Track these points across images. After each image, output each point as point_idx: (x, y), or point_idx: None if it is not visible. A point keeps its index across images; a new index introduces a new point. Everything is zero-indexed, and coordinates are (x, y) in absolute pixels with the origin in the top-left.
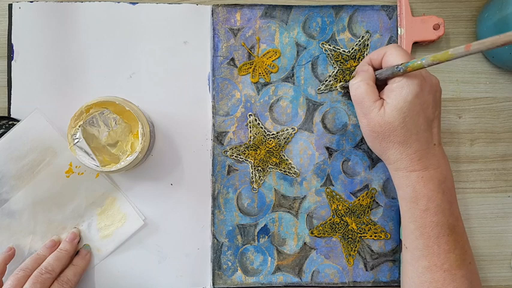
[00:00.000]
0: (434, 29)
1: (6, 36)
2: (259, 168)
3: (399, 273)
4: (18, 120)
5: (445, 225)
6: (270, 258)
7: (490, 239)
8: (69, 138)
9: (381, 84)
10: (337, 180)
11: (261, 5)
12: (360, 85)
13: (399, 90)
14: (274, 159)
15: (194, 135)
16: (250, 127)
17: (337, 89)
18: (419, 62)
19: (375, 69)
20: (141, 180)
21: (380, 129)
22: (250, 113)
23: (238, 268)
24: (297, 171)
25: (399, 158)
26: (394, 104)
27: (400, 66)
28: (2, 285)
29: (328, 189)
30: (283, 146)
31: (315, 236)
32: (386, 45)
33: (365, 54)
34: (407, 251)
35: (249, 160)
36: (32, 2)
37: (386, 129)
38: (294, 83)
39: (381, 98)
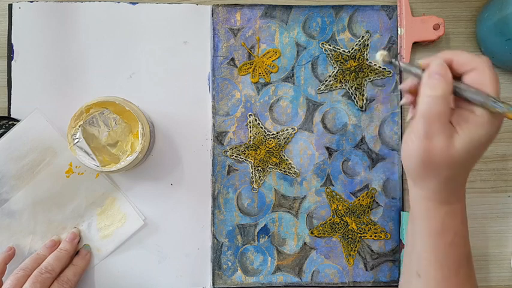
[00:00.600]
0: (434, 29)
1: (6, 36)
2: (259, 168)
3: (399, 273)
4: (18, 120)
5: (465, 256)
6: (270, 258)
7: (490, 239)
8: (69, 138)
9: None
10: (337, 180)
11: (261, 5)
12: (439, 103)
13: (477, 128)
14: (274, 159)
15: (194, 135)
16: (250, 127)
17: (377, 58)
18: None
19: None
20: (141, 180)
21: (438, 159)
22: (250, 113)
23: (238, 268)
24: (297, 171)
25: (439, 190)
26: (465, 141)
27: (500, 105)
28: (2, 284)
29: (328, 189)
30: (283, 146)
31: (315, 236)
32: (477, 57)
33: (365, 54)
34: (421, 279)
35: (249, 160)
36: (32, 2)
37: (445, 162)
38: (294, 83)
39: (450, 122)
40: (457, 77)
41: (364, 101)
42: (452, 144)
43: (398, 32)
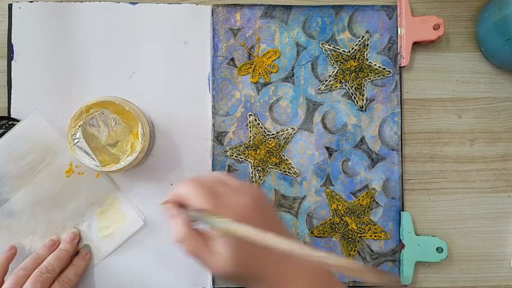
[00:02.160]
0: (434, 29)
1: (6, 36)
2: (259, 168)
3: (399, 273)
4: (18, 120)
5: None
6: None
7: (490, 239)
8: (69, 138)
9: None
10: (337, 180)
11: (261, 5)
12: (188, 241)
13: (225, 240)
14: (274, 159)
15: (194, 135)
16: (250, 127)
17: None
18: (216, 227)
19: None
20: (141, 180)
21: (218, 273)
22: (250, 113)
23: None
24: (297, 171)
25: None
26: (226, 256)
27: (204, 219)
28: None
29: (328, 189)
30: (283, 146)
31: (315, 236)
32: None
33: (365, 54)
34: None
35: (249, 160)
36: (32, 2)
37: (234, 274)
38: (294, 83)
39: (207, 245)
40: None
41: (364, 101)
42: (216, 259)
43: (398, 32)
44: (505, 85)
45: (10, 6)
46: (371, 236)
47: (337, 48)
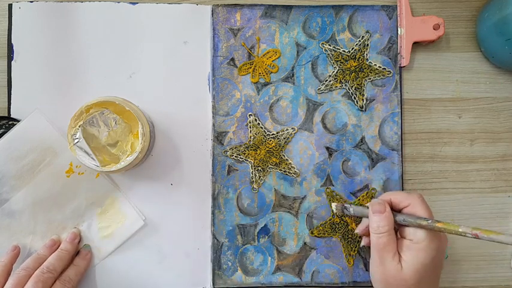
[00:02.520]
0: (434, 29)
1: (6, 36)
2: (259, 168)
3: None
4: (18, 120)
5: None
6: (270, 258)
7: None
8: (69, 138)
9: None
10: (337, 180)
11: (261, 5)
12: (383, 236)
13: (416, 253)
14: (274, 159)
15: (194, 135)
16: (250, 127)
17: (333, 208)
18: (458, 229)
19: (392, 209)
20: (141, 180)
21: (394, 282)
22: (250, 113)
23: (238, 268)
24: (297, 171)
25: None
26: (411, 265)
27: (430, 222)
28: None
29: (328, 189)
30: (283, 146)
31: (315, 236)
32: (411, 194)
33: (365, 54)
34: None
35: (249, 160)
36: (32, 2)
37: (400, 284)
38: (294, 83)
39: (397, 251)
40: (397, 211)
41: (364, 101)
42: (402, 268)
43: (398, 32)
44: (505, 85)
45: (10, 6)
46: None
47: (337, 48)
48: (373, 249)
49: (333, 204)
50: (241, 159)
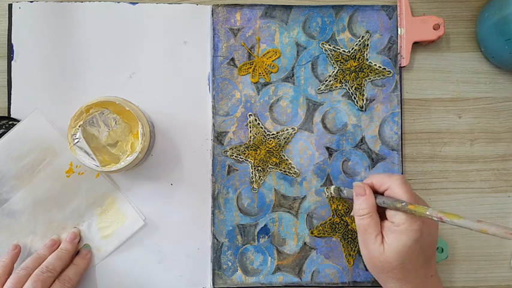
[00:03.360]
0: (434, 29)
1: (6, 36)
2: (259, 168)
3: None
4: (18, 120)
5: None
6: (270, 258)
7: (490, 239)
8: (69, 138)
9: (381, 211)
10: (337, 180)
11: (261, 5)
12: (364, 217)
13: (398, 235)
14: (274, 159)
15: (194, 135)
16: (250, 127)
17: (328, 190)
18: (424, 207)
19: (375, 192)
20: (141, 180)
21: (379, 264)
22: (250, 113)
23: (238, 268)
24: (297, 171)
25: None
26: (393, 247)
27: (404, 204)
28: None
29: (328, 189)
30: (283, 146)
31: (315, 236)
32: (391, 176)
33: (365, 54)
34: None
35: (249, 160)
36: (32, 2)
37: (385, 266)
38: (294, 83)
39: (381, 232)
40: (380, 193)
41: (364, 101)
42: (384, 250)
43: (398, 32)
44: (505, 85)
45: (10, 6)
46: None
47: (337, 48)
48: (358, 232)
49: (331, 187)
50: (241, 159)
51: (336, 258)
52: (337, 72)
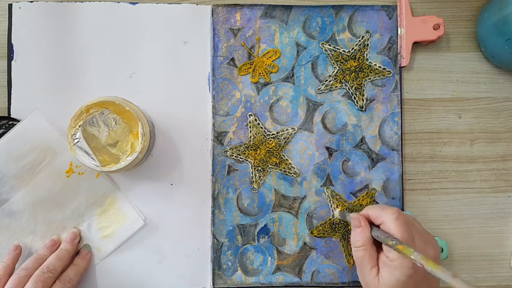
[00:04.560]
0: (434, 29)
1: (6, 36)
2: (259, 168)
3: None
4: (18, 120)
5: None
6: (270, 258)
7: (490, 239)
8: (69, 138)
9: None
10: (337, 180)
11: (261, 5)
12: (359, 250)
13: (392, 270)
14: (274, 159)
15: (194, 135)
16: (250, 127)
17: (335, 213)
18: (411, 250)
19: (372, 224)
20: (141, 180)
21: None
22: (250, 113)
23: (238, 268)
24: (297, 171)
25: None
26: (386, 281)
27: (394, 242)
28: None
29: (328, 189)
30: (283, 146)
31: (315, 236)
32: (386, 209)
33: (365, 54)
34: None
35: (249, 160)
36: (32, 2)
37: None
38: (294, 83)
39: (377, 264)
40: (376, 225)
41: (364, 101)
42: (378, 283)
43: (399, 32)
44: (505, 85)
45: (10, 6)
46: None
47: (337, 48)
48: (355, 262)
49: (337, 210)
50: (241, 159)
51: (336, 258)
52: (337, 72)
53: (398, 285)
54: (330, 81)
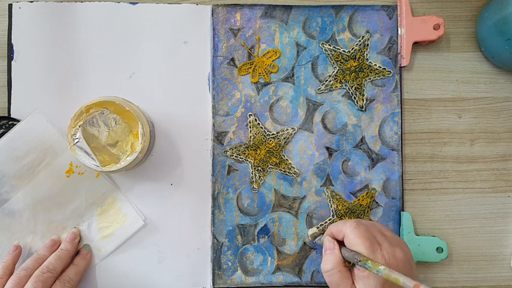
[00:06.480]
0: (434, 29)
1: (6, 36)
2: (259, 168)
3: None
4: (18, 120)
5: None
6: (270, 258)
7: (490, 239)
8: (69, 138)
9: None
10: (337, 180)
11: (261, 5)
12: (333, 273)
13: (367, 281)
14: (274, 159)
15: (194, 135)
16: (250, 127)
17: (309, 237)
18: (374, 269)
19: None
20: (141, 180)
21: None
22: (250, 113)
23: (238, 268)
24: (297, 171)
25: None
26: None
27: (359, 261)
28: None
29: (328, 189)
30: (283, 146)
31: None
32: (345, 223)
33: (365, 54)
34: None
35: (249, 160)
36: (32, 2)
37: None
38: (294, 83)
39: (353, 283)
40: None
41: (364, 101)
42: None
43: (399, 32)
44: (505, 85)
45: (10, 6)
46: None
47: (337, 48)
48: (330, 286)
49: (310, 230)
50: (241, 159)
51: None
52: (337, 72)
53: None
54: (330, 81)
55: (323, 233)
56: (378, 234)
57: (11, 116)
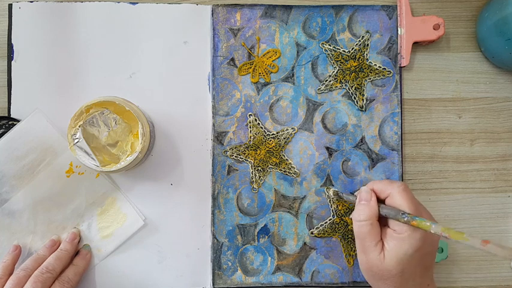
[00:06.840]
0: (434, 29)
1: (6, 36)
2: (259, 168)
3: None
4: (18, 120)
5: None
6: (270, 258)
7: (490, 239)
8: (69, 138)
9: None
10: (337, 180)
11: (261, 5)
12: (364, 224)
13: (400, 243)
14: (274, 159)
15: (194, 135)
16: (250, 127)
17: (328, 192)
18: (428, 224)
19: (378, 199)
20: (141, 180)
21: (377, 272)
22: (250, 113)
23: (238, 268)
24: (297, 171)
25: None
26: (393, 255)
27: (406, 216)
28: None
29: (328, 189)
30: (283, 146)
31: (315, 236)
32: (392, 183)
33: (365, 54)
34: None
35: (249, 160)
36: (32, 2)
37: (383, 274)
38: (294, 83)
39: (381, 240)
40: (381, 200)
41: (364, 101)
42: (384, 258)
43: (399, 32)
44: (505, 85)
45: (10, 6)
46: None
47: (337, 48)
48: (356, 238)
49: (331, 190)
50: (241, 159)
51: (336, 258)
52: (337, 72)
53: (405, 258)
54: (330, 81)
55: (339, 198)
56: (418, 201)
57: (11, 116)
